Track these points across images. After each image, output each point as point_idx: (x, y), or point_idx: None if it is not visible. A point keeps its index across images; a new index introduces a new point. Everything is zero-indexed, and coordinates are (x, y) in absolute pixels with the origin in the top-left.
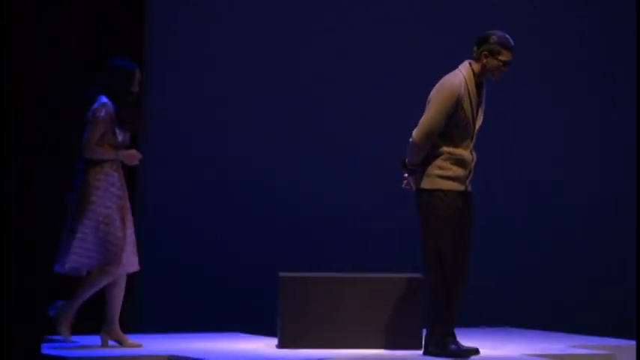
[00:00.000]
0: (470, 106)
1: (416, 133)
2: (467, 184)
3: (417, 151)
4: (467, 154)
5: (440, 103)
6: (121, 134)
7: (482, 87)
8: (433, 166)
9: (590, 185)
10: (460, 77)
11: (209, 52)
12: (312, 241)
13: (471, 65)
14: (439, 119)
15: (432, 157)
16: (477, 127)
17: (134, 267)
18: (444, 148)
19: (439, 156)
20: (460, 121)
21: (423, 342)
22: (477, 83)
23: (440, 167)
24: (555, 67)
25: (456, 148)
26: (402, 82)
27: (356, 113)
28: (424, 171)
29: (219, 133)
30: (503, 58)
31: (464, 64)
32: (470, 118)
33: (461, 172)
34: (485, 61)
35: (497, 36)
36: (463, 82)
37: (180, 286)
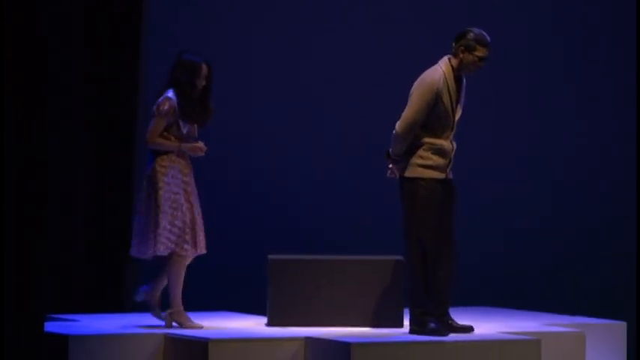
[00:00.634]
0: (449, 99)
1: (399, 125)
2: (447, 172)
3: (400, 142)
4: (447, 144)
5: (421, 97)
6: (185, 127)
7: (461, 81)
8: (415, 155)
9: (557, 174)
10: (439, 72)
11: (209, 52)
12: (310, 240)
13: (449, 60)
14: (420, 112)
15: (414, 147)
16: (456, 119)
17: (203, 249)
18: (425, 139)
19: (421, 146)
20: (440, 113)
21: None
22: (455, 77)
23: (421, 157)
24: (555, 67)
25: (437, 138)
26: (402, 82)
27: (356, 113)
28: (407, 160)
29: (220, 132)
30: (478, 53)
31: (443, 60)
32: (449, 110)
33: (441, 161)
34: (462, 56)
35: (474, 32)
36: (442, 76)
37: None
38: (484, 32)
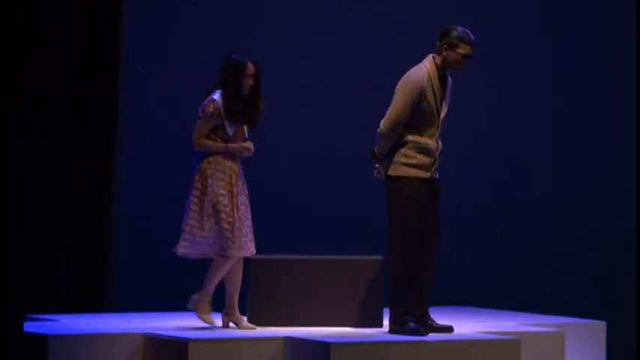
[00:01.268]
0: (434, 97)
1: (383, 123)
2: (432, 171)
3: (385, 140)
4: (432, 142)
5: (404, 95)
6: (232, 127)
7: (446, 79)
8: (399, 154)
9: (544, 175)
10: (424, 70)
11: (209, 52)
12: (307, 239)
13: (434, 59)
14: (404, 110)
15: (398, 145)
16: (441, 117)
17: (249, 251)
18: (409, 137)
19: (405, 145)
20: (424, 111)
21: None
22: (440, 75)
23: (405, 155)
24: (544, 66)
25: (421, 137)
26: None
27: (356, 113)
28: (391, 159)
29: None
30: (461, 51)
31: (428, 58)
32: (434, 108)
33: (426, 160)
34: (445, 54)
35: (458, 30)
36: (426, 74)
37: (154, 268)
38: (468, 30)
